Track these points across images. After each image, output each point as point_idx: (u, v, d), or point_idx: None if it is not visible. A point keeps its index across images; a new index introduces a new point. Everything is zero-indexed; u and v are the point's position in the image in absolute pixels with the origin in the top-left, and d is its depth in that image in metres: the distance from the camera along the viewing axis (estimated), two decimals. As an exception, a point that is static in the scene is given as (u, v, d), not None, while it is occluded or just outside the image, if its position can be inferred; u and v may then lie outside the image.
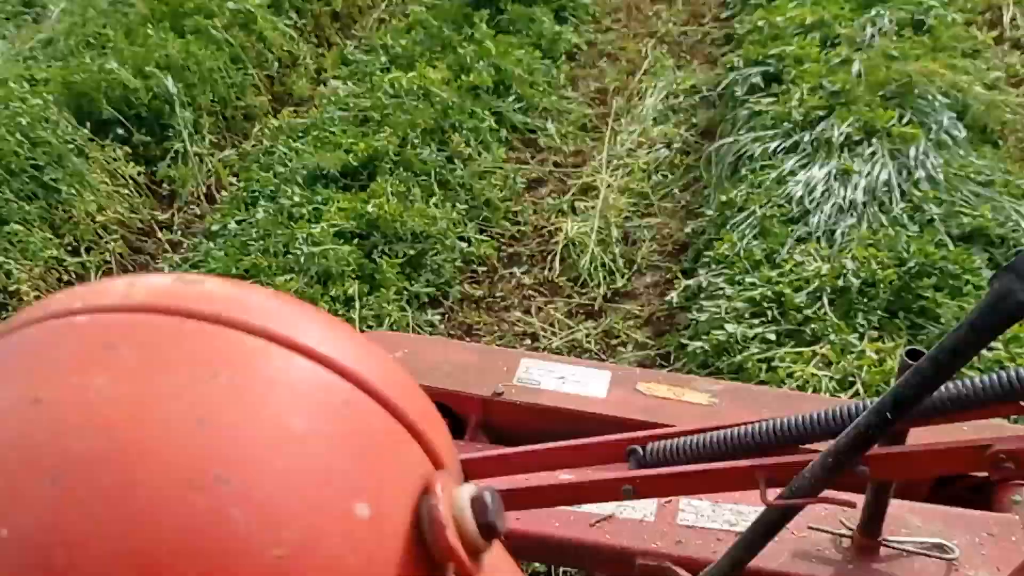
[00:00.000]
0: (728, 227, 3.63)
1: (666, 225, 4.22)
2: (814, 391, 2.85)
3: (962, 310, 3.01)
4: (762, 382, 2.88)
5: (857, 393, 2.82)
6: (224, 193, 4.60)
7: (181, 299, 0.59)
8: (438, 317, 3.79)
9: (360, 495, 0.57)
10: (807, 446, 1.36)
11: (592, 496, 1.47)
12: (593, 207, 4.27)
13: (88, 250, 4.22)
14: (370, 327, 3.57)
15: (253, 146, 4.93)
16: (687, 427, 1.41)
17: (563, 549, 1.73)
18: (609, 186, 4.40)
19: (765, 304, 3.12)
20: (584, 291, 3.87)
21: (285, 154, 4.48)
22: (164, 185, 4.68)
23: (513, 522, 1.65)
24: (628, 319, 3.71)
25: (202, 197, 4.69)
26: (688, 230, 4.06)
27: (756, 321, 3.08)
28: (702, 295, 3.37)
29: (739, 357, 2.97)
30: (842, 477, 1.25)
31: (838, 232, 3.44)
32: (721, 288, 3.29)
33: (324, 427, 0.58)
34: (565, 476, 1.52)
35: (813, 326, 3.05)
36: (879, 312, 3.08)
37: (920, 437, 1.36)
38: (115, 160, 4.50)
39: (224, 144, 5.06)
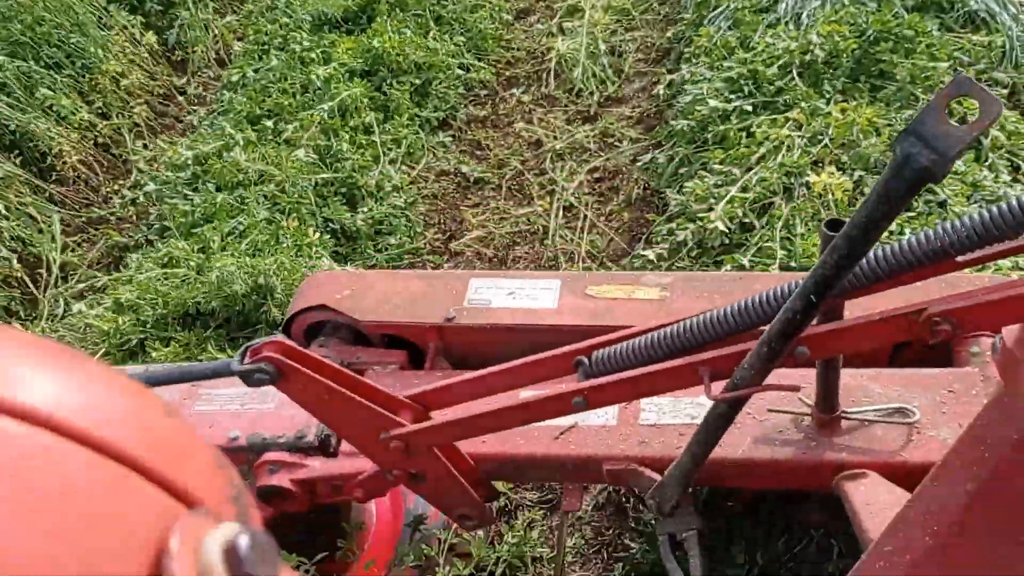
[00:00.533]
0: (705, 23, 3.97)
1: (648, 36, 4.54)
2: (788, 150, 3.25)
3: (915, 66, 3.38)
4: (745, 148, 3.28)
5: (826, 147, 3.22)
6: (235, 48, 4.90)
7: None
8: (449, 138, 4.17)
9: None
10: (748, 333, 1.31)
11: (546, 413, 1.45)
12: (580, 26, 4.58)
13: (119, 115, 4.56)
14: (389, 149, 3.95)
15: (252, 8, 5.19)
16: (631, 330, 1.40)
17: (530, 465, 1.72)
18: (593, 6, 4.70)
19: (742, 81, 3.49)
20: (579, 100, 4.23)
21: (288, 5, 4.76)
22: (176, 53, 4.98)
23: (479, 445, 1.65)
24: (621, 120, 4.09)
25: (212, 62, 4.99)
26: (669, 35, 4.39)
27: (734, 96, 3.46)
28: (686, 84, 3.74)
29: (721, 127, 3.36)
30: (782, 361, 1.24)
31: (804, 15, 3.78)
32: (702, 74, 3.65)
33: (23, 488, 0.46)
34: (526, 394, 1.52)
35: (785, 96, 3.42)
36: (843, 78, 3.46)
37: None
38: (131, 28, 4.79)
39: (224, 11, 5.32)
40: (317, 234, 3.43)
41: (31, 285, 3.77)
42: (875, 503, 1.47)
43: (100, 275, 3.75)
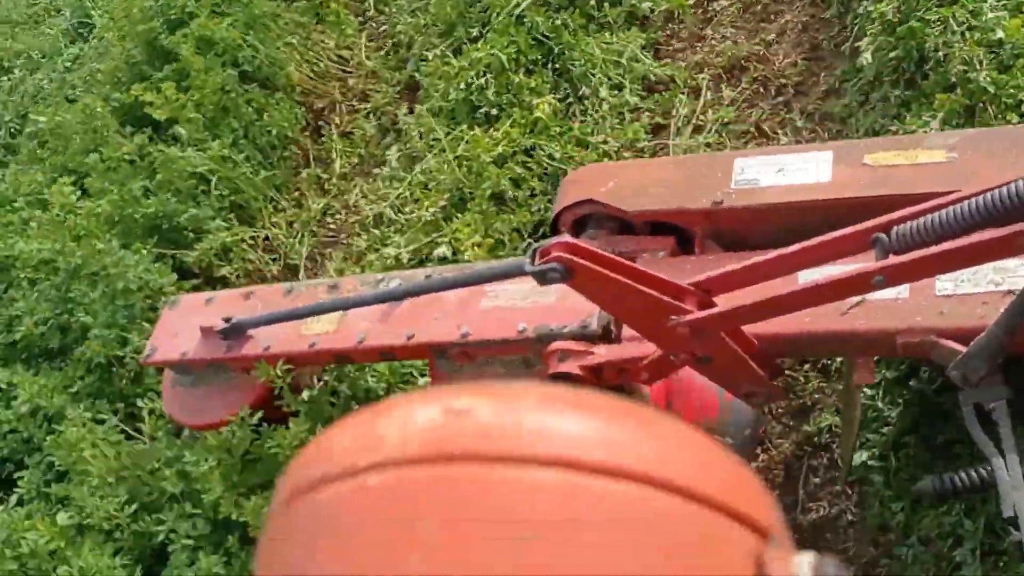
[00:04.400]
0: None
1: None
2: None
3: None
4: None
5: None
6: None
7: (457, 442, 0.59)
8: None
9: None
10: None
11: (841, 294, 1.42)
12: None
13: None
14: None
15: None
16: (931, 203, 1.31)
17: (819, 341, 1.68)
18: None
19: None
20: None
21: None
22: None
23: (764, 323, 1.58)
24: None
25: None
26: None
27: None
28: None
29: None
30: None
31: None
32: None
33: (640, 552, 0.56)
34: (807, 275, 1.49)
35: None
36: None
37: None
38: None
39: None
40: None
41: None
42: None
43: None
